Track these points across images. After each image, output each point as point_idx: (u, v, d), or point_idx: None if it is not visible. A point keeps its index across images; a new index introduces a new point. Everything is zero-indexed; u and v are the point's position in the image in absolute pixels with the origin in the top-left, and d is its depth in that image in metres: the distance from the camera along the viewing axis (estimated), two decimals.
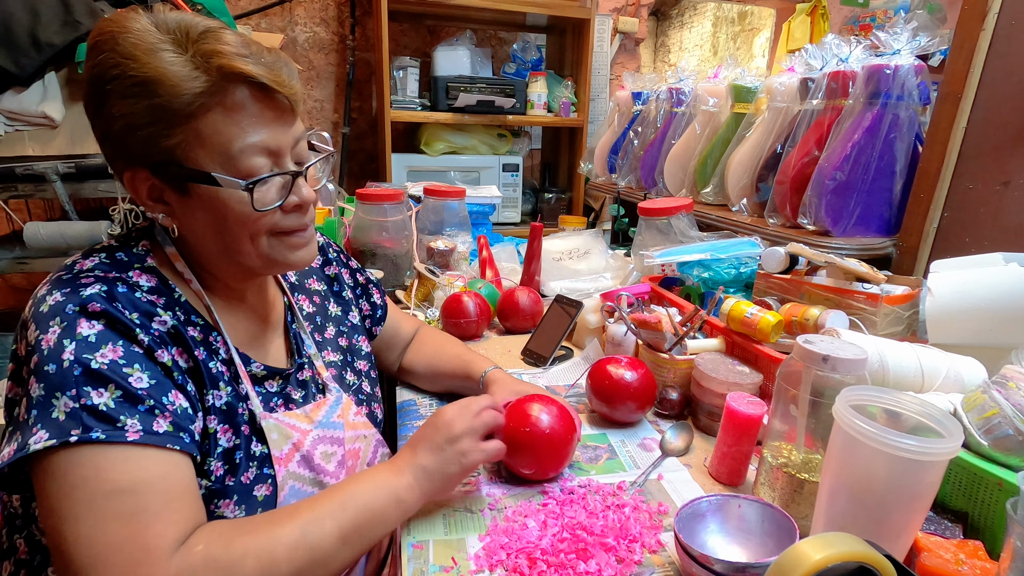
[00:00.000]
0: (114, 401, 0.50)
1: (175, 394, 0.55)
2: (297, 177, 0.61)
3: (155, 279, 0.59)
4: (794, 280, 0.99)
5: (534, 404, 0.75)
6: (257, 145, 0.57)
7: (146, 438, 0.50)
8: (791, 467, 0.67)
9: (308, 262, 0.67)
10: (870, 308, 0.86)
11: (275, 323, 0.74)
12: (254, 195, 0.57)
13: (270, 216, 0.60)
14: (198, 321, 0.61)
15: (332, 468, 0.69)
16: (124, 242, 0.62)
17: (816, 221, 1.15)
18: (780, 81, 1.32)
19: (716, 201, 1.55)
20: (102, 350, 0.51)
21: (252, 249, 0.60)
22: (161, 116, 0.53)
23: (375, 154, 2.68)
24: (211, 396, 0.59)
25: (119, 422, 0.50)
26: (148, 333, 0.54)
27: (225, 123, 0.55)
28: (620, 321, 1.02)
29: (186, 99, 0.53)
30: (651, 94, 1.89)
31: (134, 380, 0.52)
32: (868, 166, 1.08)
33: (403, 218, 1.50)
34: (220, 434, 0.59)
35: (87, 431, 0.48)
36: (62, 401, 0.49)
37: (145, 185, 0.58)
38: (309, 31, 2.57)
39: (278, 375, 0.69)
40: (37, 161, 1.43)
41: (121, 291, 0.55)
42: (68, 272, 0.56)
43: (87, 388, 0.49)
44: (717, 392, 0.86)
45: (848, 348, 0.64)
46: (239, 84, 0.55)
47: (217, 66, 0.53)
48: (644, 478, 0.77)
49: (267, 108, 0.57)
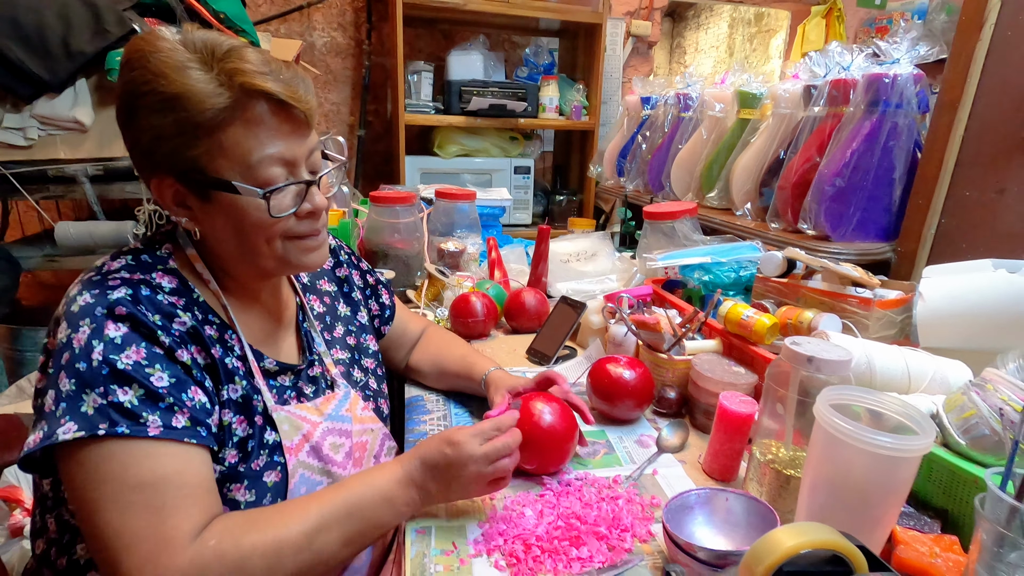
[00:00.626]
0: (137, 399, 0.55)
1: (194, 390, 0.59)
2: (311, 186, 0.66)
3: (176, 280, 0.64)
4: (791, 284, 1.02)
5: (537, 402, 0.79)
6: (274, 156, 0.61)
7: (166, 433, 0.55)
8: (778, 463, 0.70)
9: (320, 264, 0.71)
10: (863, 312, 0.89)
11: (288, 322, 0.78)
12: (270, 202, 0.62)
13: (285, 221, 0.64)
14: (215, 320, 0.66)
15: (340, 459, 0.73)
16: (148, 244, 0.67)
17: (816, 226, 1.17)
18: (784, 88, 1.34)
19: (721, 205, 1.57)
20: (127, 351, 0.56)
21: (268, 251, 0.65)
22: (186, 129, 0.58)
23: (390, 156, 2.73)
24: (227, 390, 0.64)
25: (142, 418, 0.54)
26: (169, 334, 0.59)
27: (245, 136, 0.60)
28: (621, 322, 1.05)
29: (210, 114, 0.58)
30: (660, 99, 1.91)
31: (155, 379, 0.56)
32: (867, 172, 1.10)
33: (415, 220, 1.54)
34: (236, 425, 0.64)
35: (113, 426, 0.53)
36: (91, 397, 0.54)
37: (170, 191, 0.63)
38: (327, 36, 2.63)
39: (290, 371, 0.73)
40: (68, 164, 1.50)
41: (145, 294, 0.59)
42: (98, 273, 0.61)
43: (114, 386, 0.54)
44: (713, 392, 0.89)
45: (833, 350, 0.67)
46: (259, 100, 0.60)
47: (240, 83, 0.58)
48: (639, 472, 0.80)
49: (284, 122, 0.62)
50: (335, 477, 0.72)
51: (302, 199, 0.65)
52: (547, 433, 0.76)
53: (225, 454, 0.62)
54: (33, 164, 1.49)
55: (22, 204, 1.58)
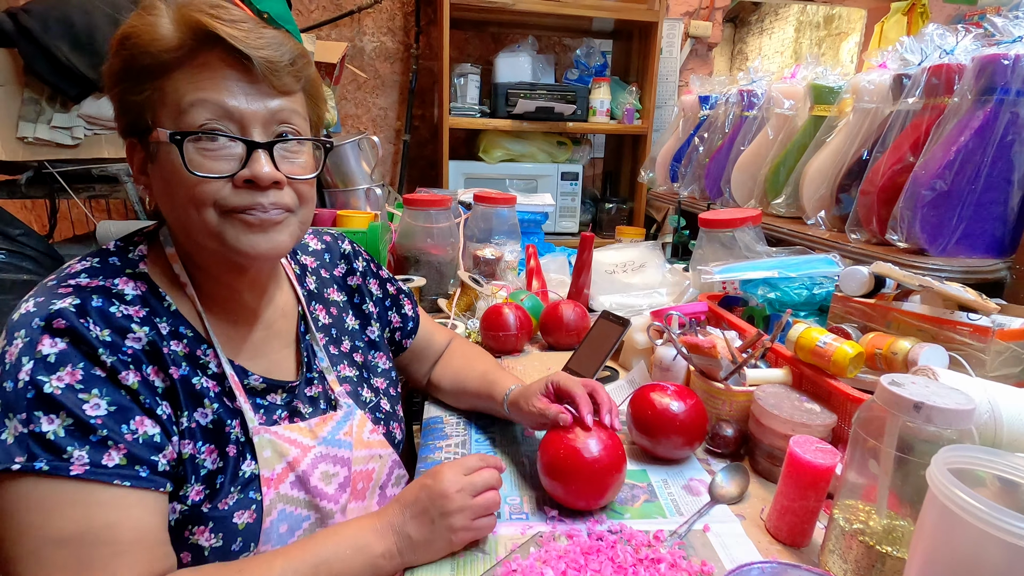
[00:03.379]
0: (64, 429, 0.47)
1: (139, 421, 0.51)
2: (255, 149, 0.54)
3: (144, 286, 0.56)
4: (879, 305, 0.85)
5: (580, 429, 0.69)
6: (209, 101, 0.52)
7: (92, 472, 0.47)
8: (869, 535, 0.55)
9: (265, 252, 0.57)
10: (978, 344, 0.72)
11: (283, 333, 0.69)
12: (185, 153, 0.52)
13: (214, 186, 0.53)
14: (186, 333, 0.58)
15: (331, 491, 0.64)
16: (126, 241, 0.60)
17: (909, 238, 0.99)
18: (869, 79, 1.16)
19: (789, 213, 1.41)
20: (59, 372, 0.48)
21: (200, 223, 0.54)
22: (132, 71, 0.52)
23: (434, 161, 2.69)
24: (190, 417, 0.55)
25: (65, 453, 0.46)
26: (115, 353, 0.51)
27: (186, 80, 0.52)
28: (669, 343, 0.91)
29: (156, 55, 0.51)
30: (720, 97, 1.75)
31: (89, 407, 0.48)
32: (977, 175, 0.92)
33: (449, 225, 1.46)
34: (204, 456, 0.55)
35: (31, 459, 0.45)
36: (12, 424, 0.46)
37: (138, 158, 0.56)
38: (376, 41, 2.62)
39: (281, 388, 0.65)
40: (111, 163, 1.51)
41: (95, 305, 0.51)
42: (56, 277, 0.54)
43: (37, 413, 0.46)
44: (779, 432, 0.74)
45: (949, 394, 0.51)
46: (212, 46, 0.52)
47: (188, 22, 0.51)
48: (687, 528, 0.66)
49: (236, 71, 0.53)
50: (324, 512, 0.62)
51: (242, 164, 0.54)
52: (586, 462, 0.66)
53: (187, 491, 0.53)
54: (79, 163, 1.51)
55: (73, 203, 1.61)
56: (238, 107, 0.53)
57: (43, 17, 1.41)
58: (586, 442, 0.67)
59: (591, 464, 0.66)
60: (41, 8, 1.43)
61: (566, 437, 0.68)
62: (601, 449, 0.67)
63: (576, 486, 0.67)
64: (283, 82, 0.55)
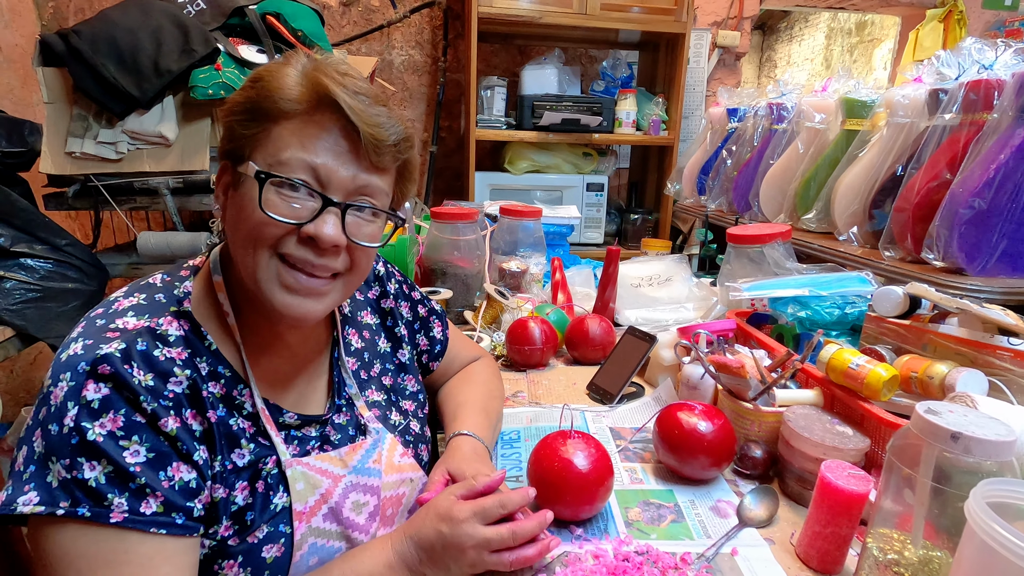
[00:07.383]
0: (105, 476, 0.48)
1: (175, 467, 0.52)
2: (329, 208, 0.56)
3: (188, 325, 0.58)
4: (915, 327, 0.83)
5: (567, 439, 0.72)
6: (305, 160, 0.55)
7: (131, 520, 0.49)
8: (904, 567, 0.54)
9: (298, 316, 0.58)
10: (1019, 370, 0.70)
11: (318, 365, 0.70)
12: (263, 191, 0.54)
13: (276, 229, 0.55)
14: (224, 373, 0.59)
15: (362, 521, 0.64)
16: (173, 276, 0.62)
17: (946, 256, 0.97)
18: (903, 93, 1.14)
19: (820, 229, 1.38)
20: (102, 419, 0.49)
21: (252, 262, 0.56)
22: (250, 108, 0.55)
23: (460, 172, 2.72)
24: (219, 462, 0.56)
25: (106, 500, 0.48)
26: (156, 399, 0.52)
27: (293, 132, 0.55)
28: (696, 362, 0.91)
29: (276, 102, 0.54)
30: (748, 110, 1.74)
31: (129, 454, 0.50)
32: (1018, 193, 0.90)
33: (476, 237, 1.47)
34: (236, 493, 0.57)
35: (75, 505, 0.47)
36: (56, 468, 0.48)
37: (224, 180, 0.59)
38: (405, 54, 2.67)
39: (315, 422, 0.66)
40: (151, 176, 1.57)
41: (140, 349, 0.52)
42: (104, 312, 0.56)
43: (81, 459, 0.48)
44: (810, 455, 0.73)
45: (988, 424, 0.50)
46: (329, 111, 0.55)
47: (315, 82, 0.55)
48: (715, 551, 0.66)
49: (344, 140, 0.56)
50: (355, 543, 0.63)
51: (311, 218, 0.55)
52: (578, 474, 0.68)
53: (217, 528, 0.55)
54: (122, 176, 1.57)
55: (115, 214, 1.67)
56: (327, 172, 0.56)
57: (92, 38, 1.48)
58: (574, 456, 0.70)
59: (582, 477, 0.68)
60: (90, 30, 1.49)
61: (557, 451, 0.71)
62: (589, 463, 0.69)
63: (568, 498, 0.69)
64: (382, 160, 0.58)
